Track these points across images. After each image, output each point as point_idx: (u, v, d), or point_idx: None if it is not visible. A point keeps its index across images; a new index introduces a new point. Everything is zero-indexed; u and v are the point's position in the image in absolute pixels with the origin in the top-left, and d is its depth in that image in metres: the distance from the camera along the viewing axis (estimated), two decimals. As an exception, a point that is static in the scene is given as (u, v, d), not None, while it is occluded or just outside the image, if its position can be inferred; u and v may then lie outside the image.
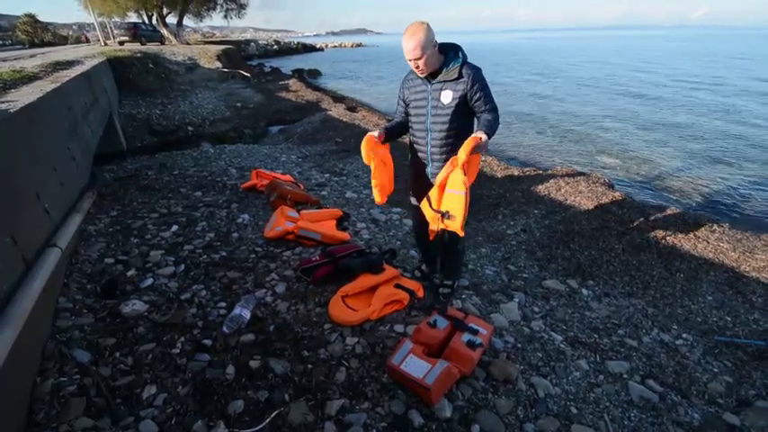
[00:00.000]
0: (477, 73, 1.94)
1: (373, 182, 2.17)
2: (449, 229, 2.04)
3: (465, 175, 1.90)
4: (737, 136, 9.14)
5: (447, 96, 1.97)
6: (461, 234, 2.10)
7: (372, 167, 2.12)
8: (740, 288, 3.34)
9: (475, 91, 1.94)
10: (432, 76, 2.00)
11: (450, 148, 2.05)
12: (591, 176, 5.77)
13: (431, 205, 2.04)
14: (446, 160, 2.06)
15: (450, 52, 1.97)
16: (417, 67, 1.94)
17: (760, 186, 6.29)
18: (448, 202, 1.98)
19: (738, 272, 3.55)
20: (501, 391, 1.83)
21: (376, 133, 2.08)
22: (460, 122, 2.03)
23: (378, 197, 2.22)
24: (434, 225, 2.08)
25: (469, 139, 1.87)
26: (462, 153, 1.87)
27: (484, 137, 1.86)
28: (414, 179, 2.31)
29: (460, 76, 1.93)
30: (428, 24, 1.87)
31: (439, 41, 1.95)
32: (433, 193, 2.03)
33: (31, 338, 1.71)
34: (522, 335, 2.29)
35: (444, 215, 2.01)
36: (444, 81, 1.97)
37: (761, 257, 3.70)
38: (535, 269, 3.57)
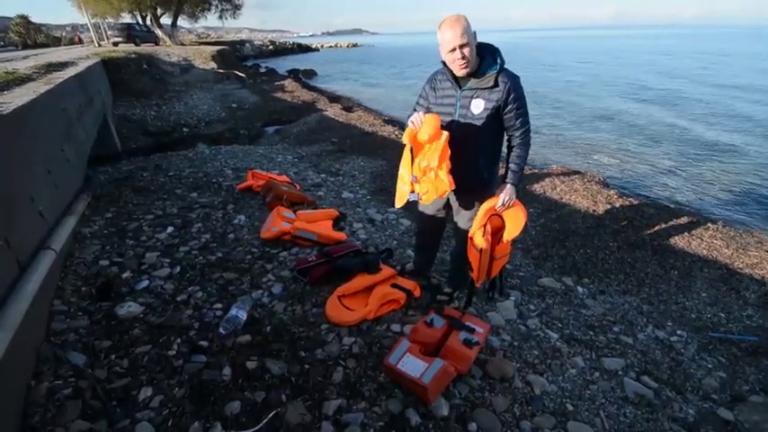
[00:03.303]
0: (515, 82, 1.77)
1: (445, 166, 1.80)
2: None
3: (483, 236, 1.92)
4: (731, 135, 9.22)
5: (478, 106, 1.79)
6: (478, 285, 2.16)
7: (441, 145, 1.77)
8: (734, 284, 3.37)
9: (509, 102, 1.77)
10: (463, 81, 1.82)
11: (474, 163, 1.94)
12: (586, 175, 5.80)
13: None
14: (467, 175, 1.96)
15: (487, 56, 1.77)
16: (463, 59, 1.69)
17: (753, 184, 6.35)
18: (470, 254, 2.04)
19: (732, 268, 3.58)
20: (497, 389, 1.84)
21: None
22: (490, 136, 1.88)
23: (451, 185, 1.83)
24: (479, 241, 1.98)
25: (484, 208, 1.89)
26: (477, 222, 1.91)
27: (504, 195, 1.84)
28: None
29: (496, 84, 1.74)
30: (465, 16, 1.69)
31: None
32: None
33: (26, 341, 1.70)
34: (519, 333, 2.31)
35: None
36: (477, 89, 1.77)
37: (754, 254, 3.74)
38: (531, 267, 3.58)
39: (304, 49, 49.13)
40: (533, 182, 5.60)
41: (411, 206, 2.31)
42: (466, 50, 1.68)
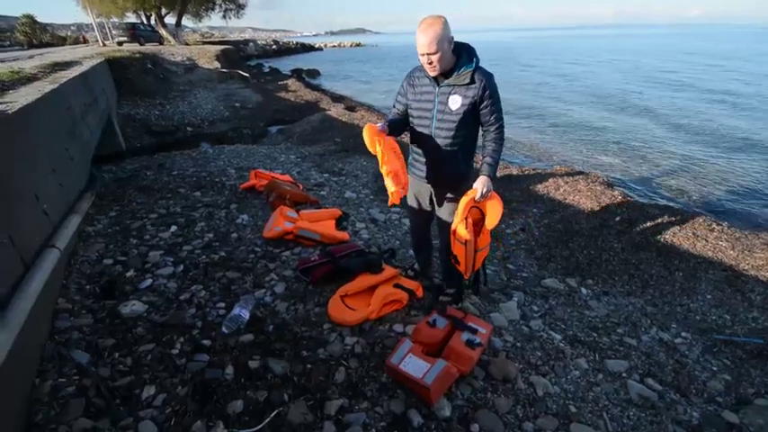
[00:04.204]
0: (489, 80, 1.85)
1: (384, 168, 1.91)
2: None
3: (466, 228, 1.95)
4: (737, 135, 9.15)
5: (455, 102, 1.87)
6: (466, 277, 2.15)
7: (379, 153, 1.90)
8: (739, 286, 3.35)
9: (485, 98, 1.85)
10: (441, 78, 1.89)
11: (454, 155, 1.99)
12: (590, 175, 5.77)
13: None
14: (447, 169, 2.04)
15: (463, 54, 1.85)
16: (430, 64, 1.80)
17: (759, 185, 6.30)
18: (455, 247, 2.06)
19: (737, 270, 3.56)
20: (500, 390, 1.83)
21: (378, 125, 1.91)
22: (467, 130, 1.94)
23: (392, 187, 1.94)
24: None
25: (464, 200, 1.92)
26: (458, 215, 1.95)
27: (480, 186, 1.87)
28: (412, 182, 2.25)
29: (473, 81, 1.83)
30: (445, 18, 1.75)
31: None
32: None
33: (30, 340, 1.71)
34: (522, 334, 2.30)
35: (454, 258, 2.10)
36: (454, 85, 1.86)
37: (759, 256, 3.71)
38: (534, 268, 3.57)
39: (307, 48, 49.18)
40: (537, 182, 5.58)
41: (410, 208, 2.35)
42: (434, 57, 1.77)
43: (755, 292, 3.26)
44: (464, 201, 1.95)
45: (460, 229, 1.98)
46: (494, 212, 1.97)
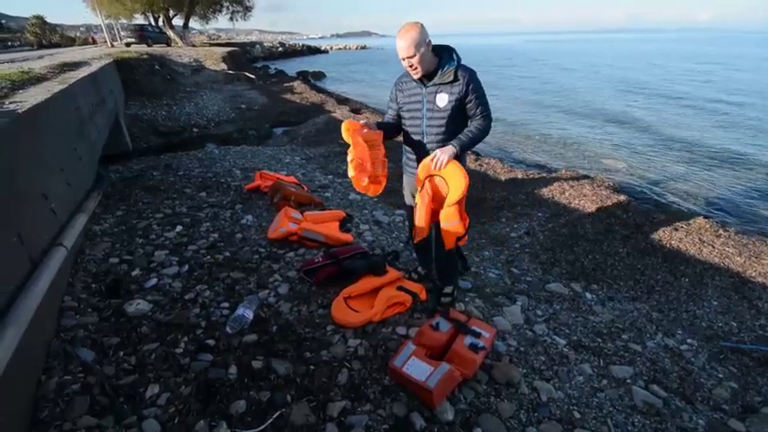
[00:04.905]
0: (472, 76, 1.93)
1: (349, 156, 1.99)
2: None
3: (420, 191, 2.00)
4: (743, 140, 9.08)
5: (443, 100, 1.95)
6: (415, 241, 2.18)
7: (351, 142, 1.98)
8: (746, 293, 3.31)
9: (470, 92, 1.92)
10: (426, 79, 1.97)
11: None
12: (595, 180, 5.74)
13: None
14: None
15: (444, 55, 1.94)
16: (411, 66, 1.90)
17: (766, 191, 6.24)
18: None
19: (744, 277, 3.52)
20: (503, 394, 1.82)
21: (361, 121, 2.02)
22: (457, 125, 2.01)
23: (351, 172, 2.00)
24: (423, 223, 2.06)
25: (422, 164, 1.97)
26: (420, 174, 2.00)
27: (440, 152, 1.89)
28: (408, 180, 2.31)
29: (456, 78, 1.91)
30: (421, 24, 1.86)
31: (433, 43, 1.92)
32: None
33: (36, 337, 1.72)
34: (525, 338, 2.28)
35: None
36: (440, 84, 1.94)
37: (767, 263, 3.67)
38: (538, 272, 3.55)
39: (313, 51, 49.42)
40: (542, 186, 5.56)
41: (408, 207, 2.38)
42: (413, 60, 1.87)
43: (763, 299, 3.22)
44: (422, 165, 1.99)
45: (416, 193, 2.04)
46: (454, 179, 1.91)
